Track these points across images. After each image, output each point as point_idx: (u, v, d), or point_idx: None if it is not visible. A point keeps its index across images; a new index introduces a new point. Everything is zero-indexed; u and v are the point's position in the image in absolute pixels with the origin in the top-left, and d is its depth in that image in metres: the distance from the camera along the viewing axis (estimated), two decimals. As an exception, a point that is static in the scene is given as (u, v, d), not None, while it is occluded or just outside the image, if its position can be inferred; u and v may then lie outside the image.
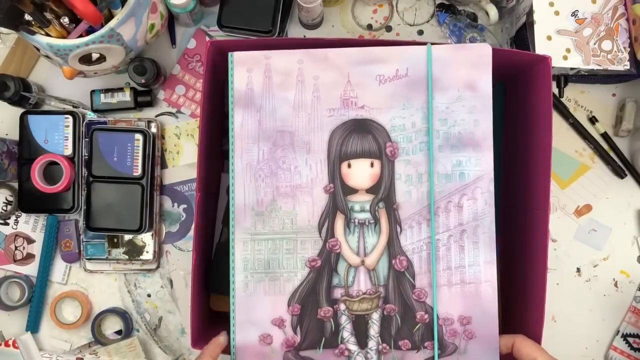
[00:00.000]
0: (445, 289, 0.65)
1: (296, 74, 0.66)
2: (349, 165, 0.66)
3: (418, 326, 0.65)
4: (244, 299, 0.65)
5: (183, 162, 0.87)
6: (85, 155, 0.82)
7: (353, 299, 0.66)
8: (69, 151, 0.83)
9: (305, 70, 0.66)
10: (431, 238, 0.65)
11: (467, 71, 0.65)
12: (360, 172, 0.66)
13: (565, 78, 0.84)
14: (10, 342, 0.82)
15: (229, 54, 0.66)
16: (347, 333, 0.66)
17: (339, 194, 0.66)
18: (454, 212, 0.66)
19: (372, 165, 0.66)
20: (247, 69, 0.66)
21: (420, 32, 0.88)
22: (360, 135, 0.66)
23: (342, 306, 0.66)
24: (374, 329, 0.66)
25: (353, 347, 0.66)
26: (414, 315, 0.65)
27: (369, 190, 0.66)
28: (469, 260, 0.65)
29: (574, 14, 0.80)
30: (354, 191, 0.66)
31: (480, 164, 0.66)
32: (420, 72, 0.66)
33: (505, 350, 0.64)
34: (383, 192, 0.66)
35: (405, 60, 0.66)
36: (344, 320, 0.66)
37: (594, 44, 0.79)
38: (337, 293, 0.66)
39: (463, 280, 0.65)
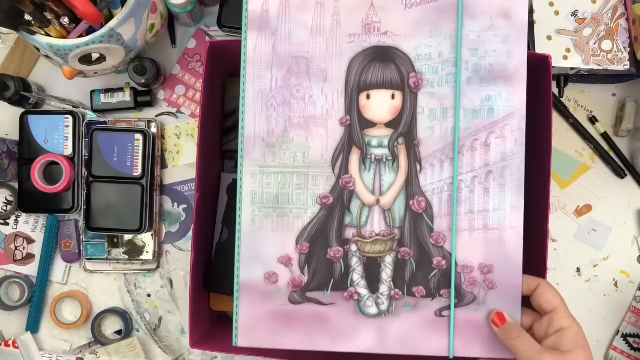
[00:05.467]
0: (466, 234, 0.60)
1: None
2: (368, 97, 0.61)
3: (434, 272, 0.60)
4: (250, 234, 0.61)
5: (183, 162, 0.87)
6: (85, 155, 0.82)
7: (366, 240, 0.61)
8: (69, 151, 0.83)
9: None
10: (453, 178, 0.60)
11: None
12: (380, 104, 0.61)
13: (565, 78, 0.84)
14: (10, 342, 0.82)
15: None
16: (357, 276, 0.61)
17: (355, 127, 0.61)
18: (480, 152, 0.60)
19: (393, 97, 0.61)
20: None
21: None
22: (381, 64, 0.61)
23: (354, 247, 0.61)
24: (386, 273, 0.61)
25: (363, 291, 0.61)
26: (430, 260, 0.60)
27: (388, 125, 0.61)
28: (493, 204, 0.60)
29: (574, 14, 0.80)
30: (372, 125, 0.61)
31: (512, 100, 0.61)
32: None
33: (527, 292, 0.60)
34: (403, 127, 0.61)
35: None
36: (354, 262, 0.61)
37: (594, 44, 0.79)
38: (349, 233, 0.61)
39: (486, 225, 0.60)
